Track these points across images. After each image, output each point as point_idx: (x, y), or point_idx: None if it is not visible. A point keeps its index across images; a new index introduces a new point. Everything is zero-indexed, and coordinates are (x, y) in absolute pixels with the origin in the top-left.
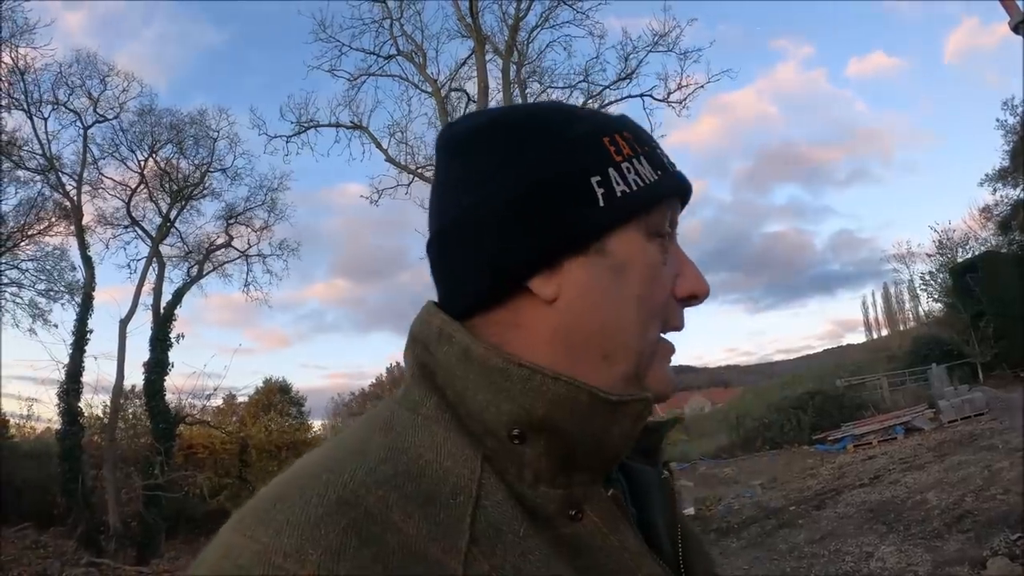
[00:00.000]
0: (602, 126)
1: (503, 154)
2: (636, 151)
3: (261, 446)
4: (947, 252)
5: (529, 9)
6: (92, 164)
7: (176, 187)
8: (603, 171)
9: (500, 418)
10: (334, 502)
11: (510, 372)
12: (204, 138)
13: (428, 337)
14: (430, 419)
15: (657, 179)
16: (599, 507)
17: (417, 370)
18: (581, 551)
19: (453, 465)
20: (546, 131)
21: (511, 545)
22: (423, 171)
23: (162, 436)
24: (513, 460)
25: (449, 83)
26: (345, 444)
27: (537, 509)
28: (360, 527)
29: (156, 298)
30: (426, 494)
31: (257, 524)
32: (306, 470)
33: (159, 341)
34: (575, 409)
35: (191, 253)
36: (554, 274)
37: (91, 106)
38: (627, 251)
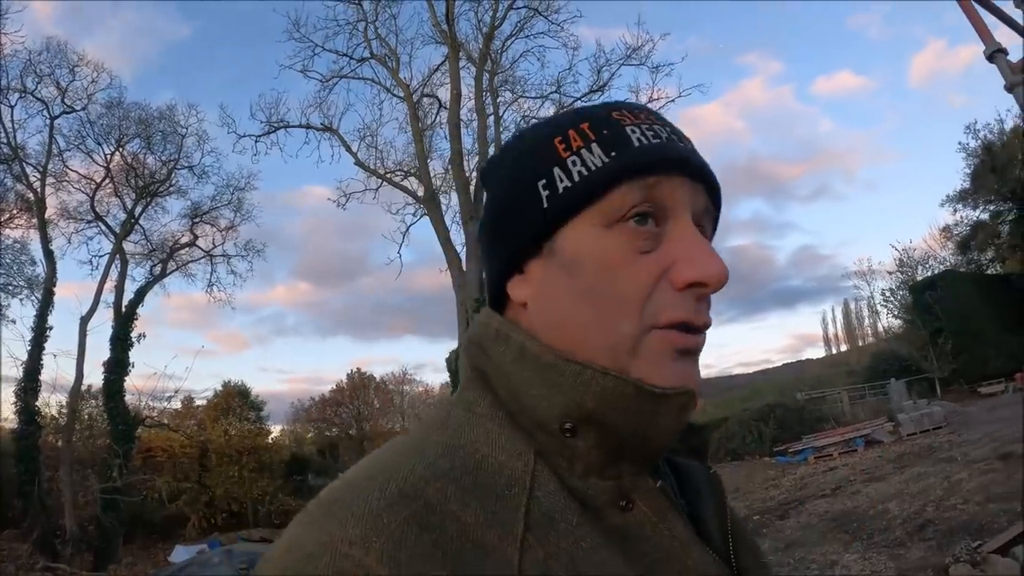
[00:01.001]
0: (561, 125)
1: (495, 178)
2: (589, 139)
3: (221, 450)
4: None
5: (505, 18)
6: (57, 156)
7: (142, 183)
8: (548, 172)
9: (552, 412)
10: (395, 494)
11: (562, 368)
12: (172, 134)
13: (485, 338)
14: (484, 416)
15: (606, 162)
16: (648, 497)
17: (471, 372)
18: (631, 540)
19: (507, 459)
20: (515, 147)
21: (564, 533)
22: (392, 176)
23: (121, 438)
24: (565, 453)
25: (421, 88)
26: (404, 444)
27: (588, 500)
28: (420, 517)
29: (118, 296)
30: (482, 486)
31: (322, 518)
32: (366, 469)
33: (120, 340)
34: (622, 402)
35: (155, 251)
36: (523, 279)
37: (59, 96)
38: (576, 246)
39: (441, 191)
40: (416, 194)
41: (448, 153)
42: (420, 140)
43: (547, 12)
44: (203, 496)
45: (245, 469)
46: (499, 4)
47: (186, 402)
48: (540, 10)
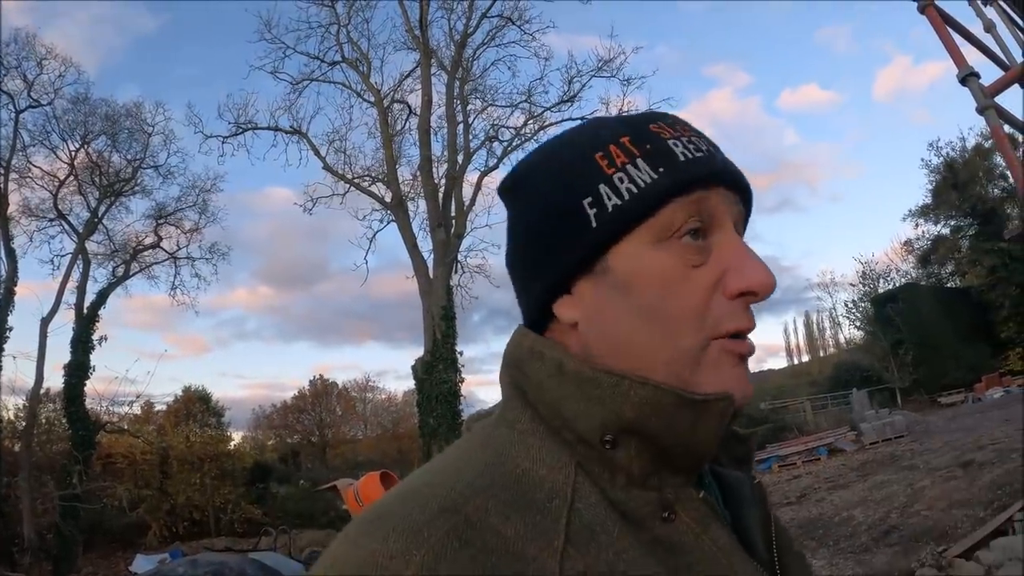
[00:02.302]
0: (600, 139)
1: (524, 193)
2: (633, 154)
3: (183, 457)
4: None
5: (477, 27)
6: (21, 151)
7: (106, 181)
8: (593, 190)
9: (592, 424)
10: (436, 510)
11: (600, 380)
12: (139, 132)
13: (521, 357)
14: (526, 432)
15: (655, 179)
16: (691, 508)
17: (511, 391)
18: (675, 551)
19: (548, 472)
20: (550, 161)
21: (605, 545)
22: (360, 181)
23: (81, 444)
24: (605, 465)
25: (392, 94)
26: (446, 462)
27: (630, 512)
28: (461, 531)
29: (79, 297)
30: (523, 499)
31: (363, 534)
32: (408, 488)
33: (81, 342)
34: (661, 411)
35: (118, 252)
36: (572, 299)
37: (25, 89)
38: (629, 264)
39: (409, 197)
40: (384, 200)
41: (417, 159)
42: (389, 146)
43: (519, 21)
44: (164, 504)
45: (207, 476)
46: (472, 12)
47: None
48: (513, 19)
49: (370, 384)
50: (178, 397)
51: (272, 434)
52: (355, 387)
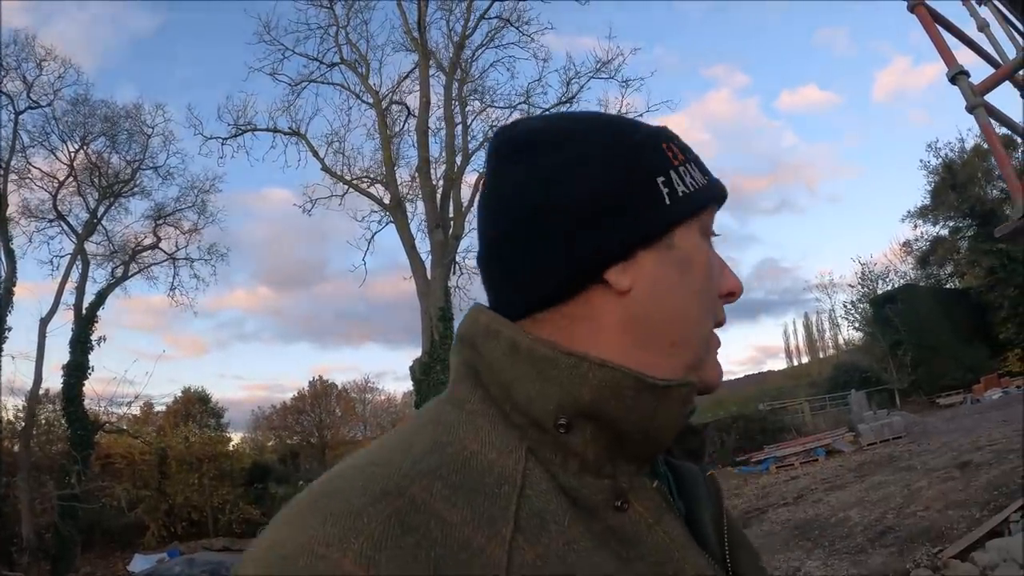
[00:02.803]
0: (658, 133)
1: (575, 155)
2: (687, 157)
3: (181, 457)
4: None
5: (476, 28)
6: (20, 152)
7: (106, 182)
8: (666, 172)
9: (547, 407)
10: (378, 492)
11: (557, 360)
12: (138, 133)
13: (475, 335)
14: (475, 413)
15: (706, 183)
16: (645, 498)
17: (463, 370)
18: (627, 542)
19: (498, 456)
20: (611, 134)
21: (556, 534)
22: (358, 182)
23: (80, 444)
24: (558, 450)
25: (391, 95)
26: (391, 440)
27: (582, 499)
28: (403, 516)
29: (78, 298)
30: (470, 484)
31: (303, 515)
32: (351, 465)
33: (80, 343)
34: (621, 395)
35: (117, 253)
36: (629, 266)
37: (25, 90)
38: (689, 246)
39: (407, 199)
40: (382, 201)
41: (415, 161)
42: (388, 147)
43: (518, 23)
44: (162, 504)
45: (205, 477)
46: (470, 13)
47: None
48: (511, 20)
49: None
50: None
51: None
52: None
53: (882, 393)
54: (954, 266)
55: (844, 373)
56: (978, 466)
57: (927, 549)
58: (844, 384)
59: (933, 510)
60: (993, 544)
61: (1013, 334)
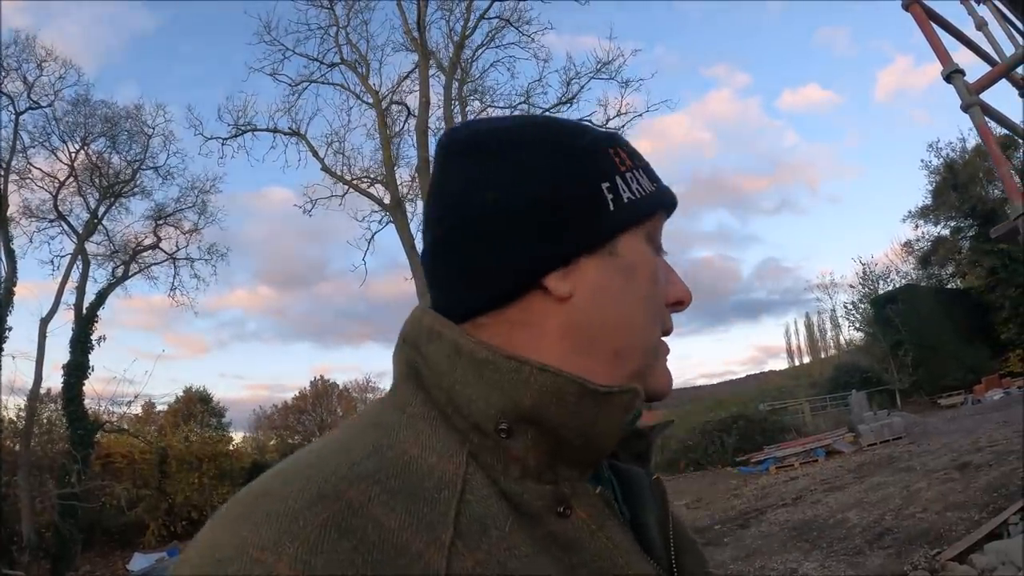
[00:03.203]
0: (605, 139)
1: (521, 159)
2: (635, 163)
3: (181, 457)
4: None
5: (476, 28)
6: (21, 152)
7: (106, 183)
8: (611, 178)
9: (488, 411)
10: (315, 495)
11: (499, 364)
12: (138, 134)
13: (418, 336)
14: (416, 416)
15: (654, 190)
16: (588, 504)
17: (405, 369)
18: (569, 548)
19: (438, 461)
20: (557, 140)
21: (496, 540)
22: (358, 182)
23: (80, 443)
24: (499, 455)
25: (391, 96)
26: (331, 442)
27: (523, 505)
28: (340, 520)
29: (79, 297)
30: (409, 488)
31: (238, 518)
32: (290, 466)
33: (80, 343)
34: (563, 400)
35: (117, 252)
36: (569, 272)
37: (25, 91)
38: (634, 253)
39: (407, 199)
40: (382, 201)
41: (415, 161)
42: (388, 147)
43: (518, 23)
44: (162, 503)
45: (205, 476)
46: (470, 13)
47: (147, 407)
48: (511, 20)
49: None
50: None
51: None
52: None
53: (883, 393)
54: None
55: (845, 373)
56: (978, 467)
57: (925, 551)
58: (845, 384)
59: (932, 511)
60: (992, 547)
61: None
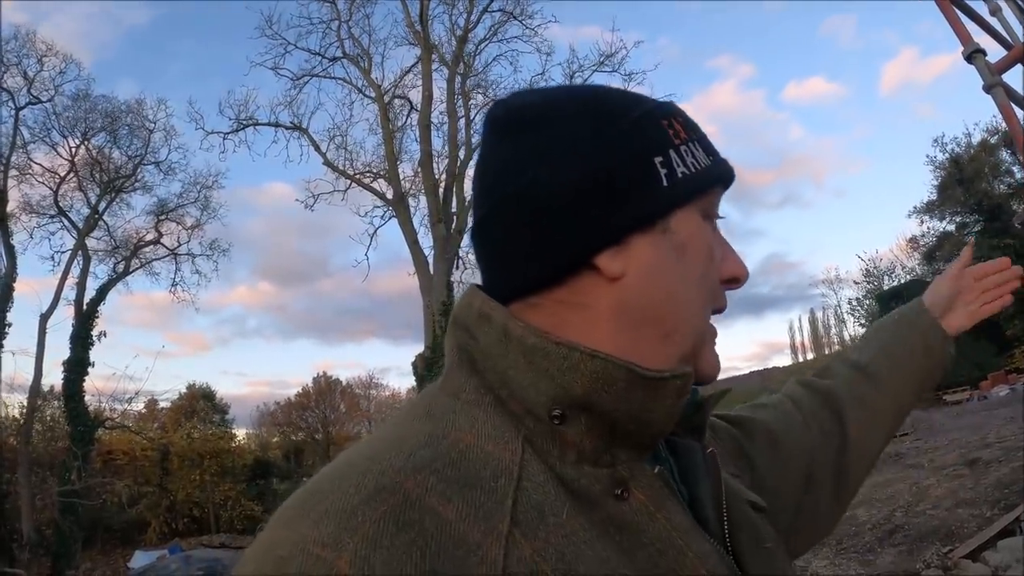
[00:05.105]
0: (660, 109)
1: (566, 133)
2: (691, 135)
3: (183, 453)
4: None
5: (479, 22)
6: (21, 147)
7: (107, 178)
8: (664, 152)
9: (540, 398)
10: (371, 489)
11: (548, 350)
12: (139, 129)
13: (469, 319)
14: (470, 403)
15: (710, 163)
16: (645, 485)
17: (457, 356)
18: (628, 530)
19: (494, 448)
20: (608, 112)
21: (554, 527)
22: (361, 177)
23: (80, 440)
24: (555, 440)
25: (393, 90)
26: (385, 434)
27: (581, 490)
28: (398, 513)
29: (79, 293)
30: (466, 477)
31: (296, 516)
32: (346, 461)
33: (80, 339)
34: (613, 386)
35: (118, 248)
36: (620, 251)
37: (26, 86)
38: (688, 230)
39: (410, 193)
40: (385, 196)
41: (418, 155)
42: (390, 142)
43: (521, 17)
44: (164, 500)
45: (207, 473)
46: (473, 7)
47: (150, 404)
48: (514, 14)
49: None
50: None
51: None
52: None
53: None
54: None
55: None
56: (987, 464)
57: (937, 548)
58: None
59: (942, 508)
60: (1005, 544)
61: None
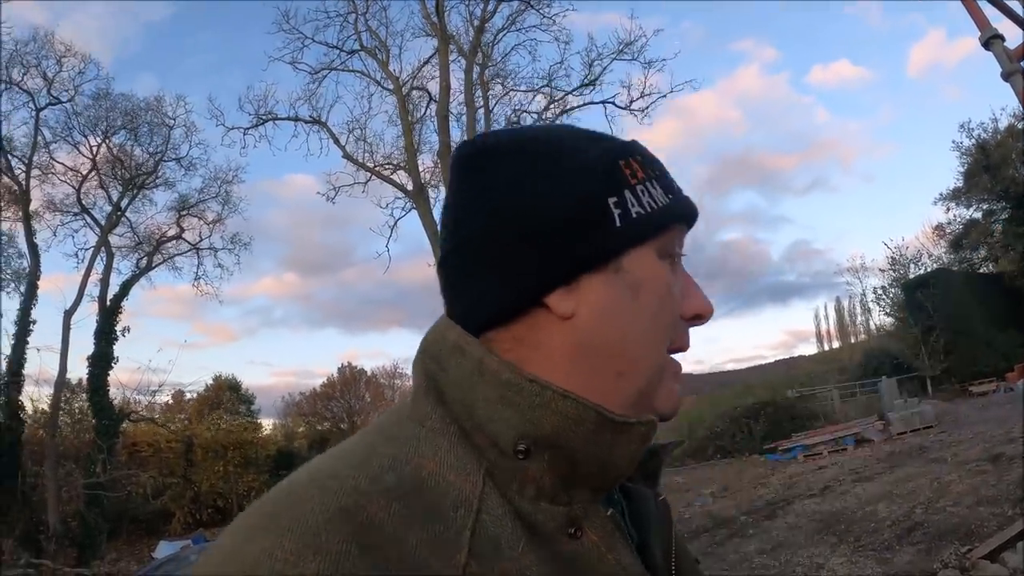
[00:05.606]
0: (617, 150)
1: (524, 173)
2: (648, 175)
3: (207, 445)
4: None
5: (496, 11)
6: (43, 147)
7: (128, 175)
8: (619, 193)
9: (508, 432)
10: (336, 510)
11: (522, 387)
12: (159, 125)
13: (441, 349)
14: (435, 431)
15: (668, 202)
16: (598, 526)
17: (424, 383)
18: (579, 569)
19: (456, 478)
20: (566, 152)
21: (509, 560)
22: (381, 169)
23: (105, 433)
24: (516, 475)
25: (411, 81)
26: (348, 453)
27: (537, 525)
28: (361, 536)
29: (103, 289)
30: (427, 505)
31: (260, 529)
32: (309, 477)
33: (104, 334)
34: (581, 428)
35: (141, 244)
36: (571, 291)
37: (45, 87)
38: (642, 270)
39: (430, 185)
40: (405, 188)
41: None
42: (409, 133)
43: (539, 5)
44: (188, 491)
45: (230, 464)
46: None
47: (177, 396)
48: (531, 3)
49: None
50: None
51: (302, 421)
52: (383, 374)
53: (913, 380)
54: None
55: (875, 359)
56: (1011, 459)
57: (956, 548)
58: (875, 371)
59: (963, 505)
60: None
61: None
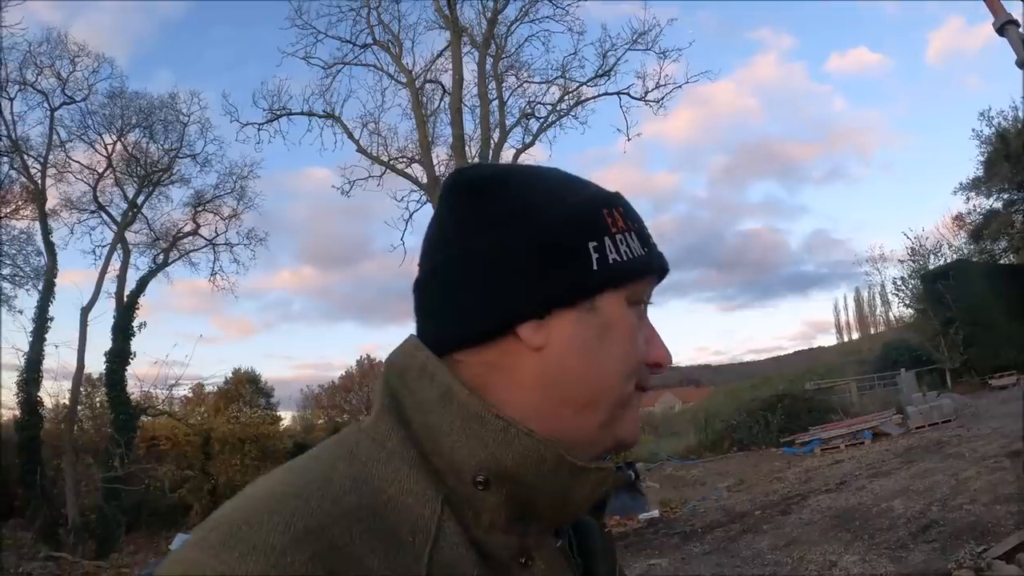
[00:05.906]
0: (602, 199)
1: (510, 207)
2: (628, 226)
3: (224, 438)
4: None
5: (508, 2)
6: (59, 147)
7: (144, 172)
8: (600, 238)
9: (469, 462)
10: (300, 531)
11: (487, 420)
12: (174, 122)
13: (408, 371)
14: (394, 454)
15: (644, 254)
16: (547, 557)
17: (387, 403)
18: None
19: (414, 503)
20: (553, 193)
21: None
22: (395, 163)
23: (122, 427)
24: (473, 505)
25: (424, 74)
26: (309, 470)
27: (489, 554)
28: (325, 558)
29: (120, 285)
30: (387, 530)
31: (222, 545)
32: (270, 494)
33: (121, 330)
34: (541, 466)
35: (157, 240)
36: (544, 324)
37: (59, 87)
38: (612, 313)
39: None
40: (419, 181)
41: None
42: (423, 126)
43: None
44: (206, 484)
45: (248, 457)
46: None
47: (197, 389)
48: None
49: None
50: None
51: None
52: None
53: (932, 373)
54: (1009, 241)
55: (894, 351)
56: None
57: (971, 547)
58: (894, 363)
59: (980, 503)
60: None
61: None
